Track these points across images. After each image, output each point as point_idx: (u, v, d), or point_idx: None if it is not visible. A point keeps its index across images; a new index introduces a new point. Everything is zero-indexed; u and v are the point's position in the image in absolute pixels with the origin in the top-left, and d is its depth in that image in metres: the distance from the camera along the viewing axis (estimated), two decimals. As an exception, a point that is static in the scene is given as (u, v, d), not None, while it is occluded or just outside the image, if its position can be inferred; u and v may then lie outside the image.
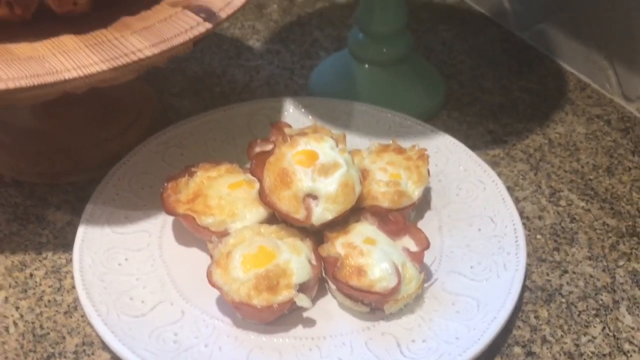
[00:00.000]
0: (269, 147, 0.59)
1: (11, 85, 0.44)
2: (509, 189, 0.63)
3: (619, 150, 0.69)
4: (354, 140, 0.66)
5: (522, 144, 0.70)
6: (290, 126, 0.63)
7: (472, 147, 0.68)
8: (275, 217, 0.53)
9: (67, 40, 0.50)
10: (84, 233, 0.54)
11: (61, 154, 0.64)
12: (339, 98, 0.71)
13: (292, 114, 0.69)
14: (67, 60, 0.47)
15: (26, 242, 0.57)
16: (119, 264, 0.52)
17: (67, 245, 0.57)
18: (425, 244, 0.50)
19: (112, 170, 0.60)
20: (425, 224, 0.57)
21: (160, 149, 0.63)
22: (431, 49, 0.86)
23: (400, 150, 0.59)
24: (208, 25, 0.51)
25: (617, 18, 0.73)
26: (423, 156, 0.58)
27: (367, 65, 0.73)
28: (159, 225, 0.56)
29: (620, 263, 0.56)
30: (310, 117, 0.68)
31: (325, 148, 0.52)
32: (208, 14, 0.53)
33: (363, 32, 0.71)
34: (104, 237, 0.54)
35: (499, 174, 0.65)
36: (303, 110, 0.69)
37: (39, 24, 0.51)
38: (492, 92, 0.78)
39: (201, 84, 0.79)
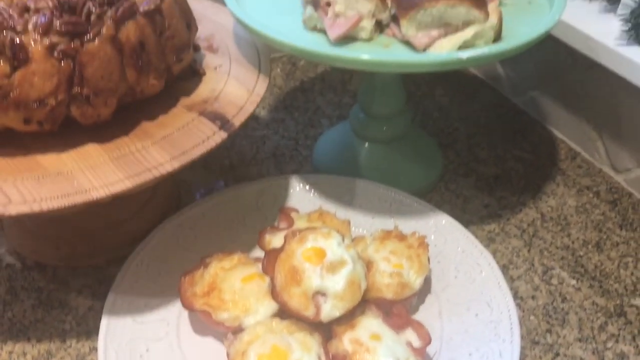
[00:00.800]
0: (279, 234, 0.63)
1: (45, 207, 0.47)
2: (503, 267, 0.67)
3: (607, 224, 0.73)
4: (357, 218, 0.70)
5: (516, 218, 0.74)
6: (297, 210, 0.67)
7: (469, 222, 0.72)
8: (286, 310, 0.56)
9: (92, 151, 0.54)
10: (107, 325, 0.57)
11: (81, 238, 0.67)
12: (341, 173, 0.75)
13: (299, 192, 0.73)
14: (94, 177, 0.50)
15: (51, 330, 0.61)
16: (140, 356, 0.56)
17: (89, 332, 0.61)
18: (427, 340, 0.54)
19: (130, 257, 0.63)
20: (426, 309, 0.61)
21: (175, 232, 0.67)
22: (429, 115, 0.91)
23: (401, 237, 0.62)
24: (223, 135, 0.55)
25: (605, 94, 0.78)
26: (423, 244, 0.61)
27: (367, 143, 0.76)
28: (176, 313, 0.60)
29: (609, 345, 0.60)
30: (316, 194, 0.72)
31: (332, 245, 0.56)
32: (223, 121, 0.57)
33: (364, 112, 0.75)
34: (126, 327, 0.58)
35: (495, 252, 0.69)
36: (308, 187, 0.73)
37: (65, 132, 0.55)
38: (487, 163, 0.82)
39: (210, 156, 0.82)
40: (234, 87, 0.61)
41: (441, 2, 0.55)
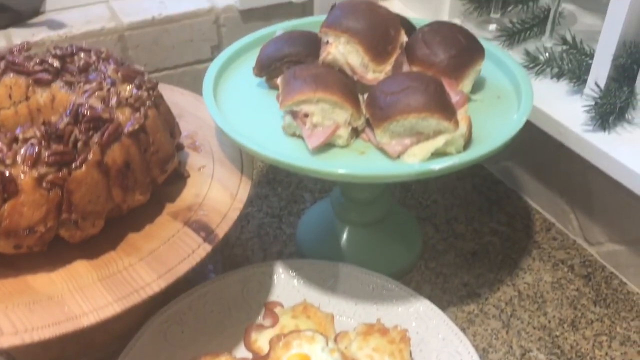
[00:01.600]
0: (265, 332, 0.65)
1: (36, 337, 0.49)
2: (483, 350, 0.70)
3: (582, 301, 0.75)
4: (341, 306, 0.72)
5: (494, 297, 0.76)
6: (281, 305, 0.69)
7: (449, 303, 0.75)
8: (273, 414, 0.58)
9: (81, 269, 0.55)
10: None
11: (70, 338, 0.68)
12: (324, 254, 0.77)
13: (283, 279, 0.75)
14: (83, 301, 0.52)
15: None
16: None
17: None
18: None
19: (120, 358, 0.64)
20: (410, 404, 0.63)
21: (162, 329, 0.68)
22: (407, 188, 0.93)
23: (384, 332, 0.65)
24: (208, 248, 0.57)
25: (575, 171, 0.81)
26: (405, 338, 0.64)
27: (349, 226, 0.79)
28: (166, 416, 0.62)
29: None
30: (301, 281, 0.74)
31: (316, 350, 0.58)
32: (207, 232, 0.59)
33: (344, 197, 0.78)
34: None
35: (474, 334, 0.71)
36: (292, 274, 0.75)
37: (53, 249, 0.56)
38: (465, 237, 0.84)
39: (196, 239, 0.84)
40: (218, 191, 0.64)
41: (412, 115, 0.58)
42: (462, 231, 0.86)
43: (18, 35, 0.83)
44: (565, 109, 0.76)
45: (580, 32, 0.91)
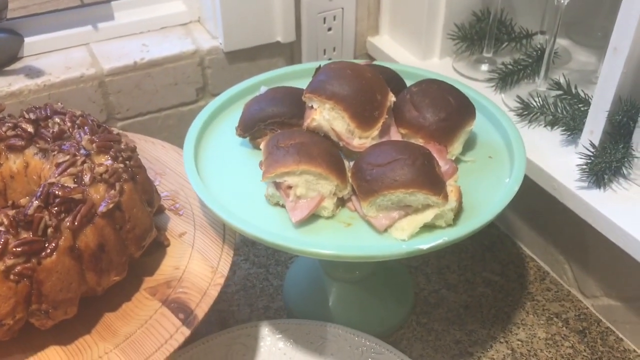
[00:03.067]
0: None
1: None
2: (476, 417, 0.68)
3: (577, 360, 0.74)
4: (329, 370, 0.70)
5: (487, 356, 0.74)
6: (269, 378, 0.67)
7: (441, 363, 0.73)
8: None
9: (54, 356, 0.53)
10: None
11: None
12: (312, 310, 0.75)
13: (269, 340, 0.72)
14: (55, 398, 0.50)
15: None
16: None
17: None
18: None
19: None
20: None
21: (144, 399, 0.66)
22: (399, 233, 0.91)
23: (372, 405, 0.62)
24: (186, 332, 0.55)
25: (570, 224, 0.79)
26: (394, 413, 0.61)
27: (337, 283, 0.76)
28: None
29: None
30: (287, 343, 0.72)
31: None
32: (186, 314, 0.56)
33: (333, 254, 0.75)
34: None
35: (466, 399, 0.69)
36: (279, 335, 0.73)
37: (25, 332, 0.54)
38: (456, 289, 0.82)
39: (180, 294, 0.82)
40: (198, 264, 0.61)
41: (399, 190, 0.55)
42: (454, 282, 0.83)
43: (-6, 84, 0.80)
44: (559, 163, 0.74)
45: (574, 72, 0.89)
